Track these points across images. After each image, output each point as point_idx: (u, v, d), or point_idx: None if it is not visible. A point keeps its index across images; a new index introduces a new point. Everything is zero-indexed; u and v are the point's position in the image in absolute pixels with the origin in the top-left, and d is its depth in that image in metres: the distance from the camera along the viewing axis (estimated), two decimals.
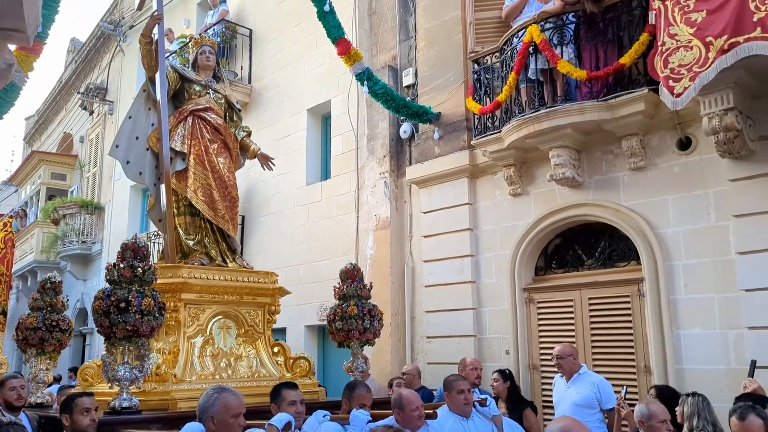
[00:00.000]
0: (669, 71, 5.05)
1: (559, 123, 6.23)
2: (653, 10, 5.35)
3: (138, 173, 5.67)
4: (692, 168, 5.79)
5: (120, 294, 3.85)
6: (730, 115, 5.08)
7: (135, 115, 5.76)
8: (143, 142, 5.67)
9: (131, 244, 4.03)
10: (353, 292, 5.19)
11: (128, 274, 3.94)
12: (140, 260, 4.01)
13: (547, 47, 6.26)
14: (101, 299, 3.85)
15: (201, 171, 5.68)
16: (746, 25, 4.65)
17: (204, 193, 5.64)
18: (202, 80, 5.96)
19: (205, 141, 5.75)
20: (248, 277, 5.58)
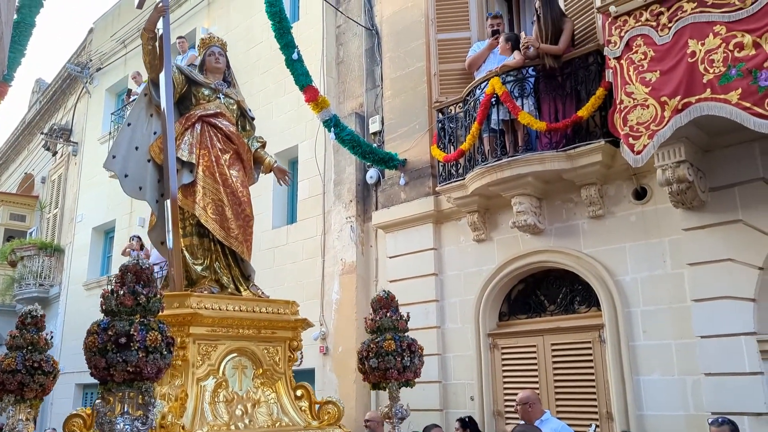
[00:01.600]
0: (628, 129, 5.27)
1: (520, 172, 6.40)
2: (609, 68, 5.60)
3: (137, 188, 4.92)
4: (648, 217, 5.99)
5: (119, 327, 3.07)
6: (683, 167, 5.31)
7: (135, 123, 5.05)
8: (144, 153, 4.96)
9: (132, 266, 3.27)
10: (389, 324, 4.44)
11: (129, 303, 3.20)
12: (143, 286, 3.25)
13: (508, 99, 6.48)
14: (96, 334, 3.09)
15: (211, 184, 4.88)
16: (697, 86, 4.90)
17: (215, 210, 4.84)
18: (211, 83, 5.22)
19: (216, 150, 4.99)
20: (266, 307, 4.73)
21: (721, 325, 5.21)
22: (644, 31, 5.29)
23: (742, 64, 4.72)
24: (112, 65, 14.41)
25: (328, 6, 9.14)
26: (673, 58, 5.10)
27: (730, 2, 4.81)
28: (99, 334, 3.10)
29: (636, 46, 5.34)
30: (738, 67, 4.74)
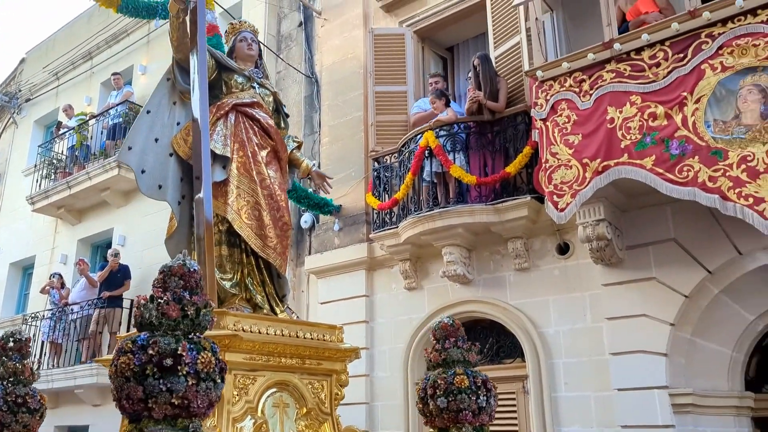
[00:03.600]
0: (553, 187, 5.52)
1: (451, 223, 6.57)
2: (536, 129, 5.88)
3: (156, 186, 4.17)
4: (570, 272, 6.23)
5: (164, 344, 2.34)
6: (602, 225, 5.58)
7: (155, 111, 4.31)
8: (165, 146, 4.24)
9: (179, 268, 2.58)
10: (459, 356, 3.75)
11: (175, 314, 2.47)
12: (191, 293, 2.57)
13: (441, 152, 6.68)
14: (131, 353, 2.34)
15: (247, 184, 4.16)
16: (615, 150, 5.21)
17: (250, 215, 4.11)
18: (245, 70, 4.50)
19: (253, 145, 4.27)
20: (311, 332, 3.95)
21: (636, 379, 5.42)
22: (568, 96, 5.61)
23: (655, 133, 5.06)
24: (42, 97, 13.97)
25: (269, 52, 9.23)
26: (594, 123, 5.41)
27: (645, 75, 5.18)
28: (136, 353, 2.33)
29: (560, 109, 5.64)
30: (652, 136, 5.08)
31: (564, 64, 5.63)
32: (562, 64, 5.64)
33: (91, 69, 12.67)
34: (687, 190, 4.83)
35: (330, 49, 8.82)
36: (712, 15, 4.86)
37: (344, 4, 8.83)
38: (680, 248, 5.48)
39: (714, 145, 4.76)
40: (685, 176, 4.85)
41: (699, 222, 5.34)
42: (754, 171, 4.55)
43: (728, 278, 5.29)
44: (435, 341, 3.78)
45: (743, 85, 4.70)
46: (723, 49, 4.80)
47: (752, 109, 4.63)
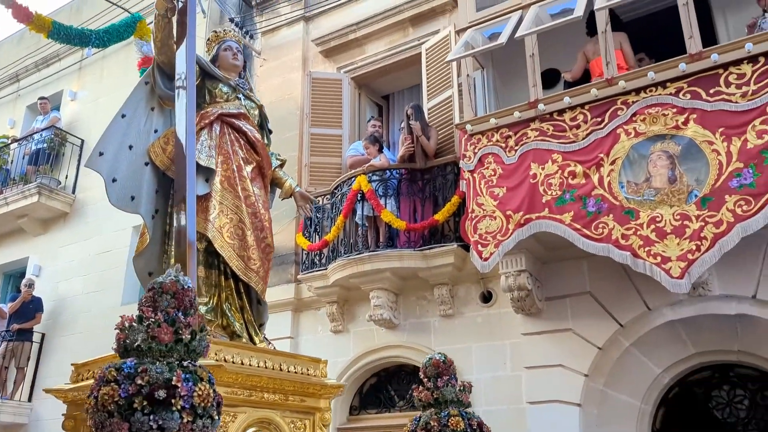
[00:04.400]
0: (478, 237, 5.68)
1: (380, 266, 6.63)
2: (464, 179, 6.06)
3: (128, 197, 3.80)
4: (493, 320, 6.38)
5: (155, 373, 2.02)
6: (523, 276, 5.77)
7: (131, 116, 3.94)
8: (140, 155, 3.89)
9: (171, 284, 2.26)
10: (453, 395, 3.45)
11: (167, 338, 2.14)
12: (185, 314, 2.24)
13: (373, 196, 6.78)
14: (116, 382, 2.00)
15: (231, 200, 3.86)
16: (537, 204, 5.44)
17: (233, 234, 3.79)
18: (231, 80, 4.23)
19: (238, 159, 3.99)
20: (295, 366, 3.63)
21: (552, 428, 5.55)
22: (495, 150, 5.84)
23: (574, 190, 5.32)
24: None
25: None
26: (518, 178, 5.64)
27: (566, 135, 5.47)
28: (122, 383, 1.98)
29: (487, 162, 5.86)
30: (571, 193, 5.34)
31: (492, 119, 5.87)
32: (490, 120, 5.89)
33: (17, 91, 12.22)
34: (602, 246, 5.09)
35: (268, 89, 8.86)
36: (627, 84, 5.21)
37: (284, 46, 8.94)
38: (595, 301, 5.73)
39: (627, 205, 5.04)
40: (600, 233, 5.11)
41: (613, 277, 5.60)
42: (662, 231, 4.85)
43: (638, 332, 5.55)
44: (426, 379, 3.54)
45: (654, 150, 5.03)
46: (636, 116, 5.15)
47: (661, 173, 4.95)
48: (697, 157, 4.83)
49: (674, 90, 5.03)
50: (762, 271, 5.11)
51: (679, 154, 4.91)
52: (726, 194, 4.65)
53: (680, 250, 4.74)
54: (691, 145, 4.87)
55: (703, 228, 4.70)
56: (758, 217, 4.52)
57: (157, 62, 3.97)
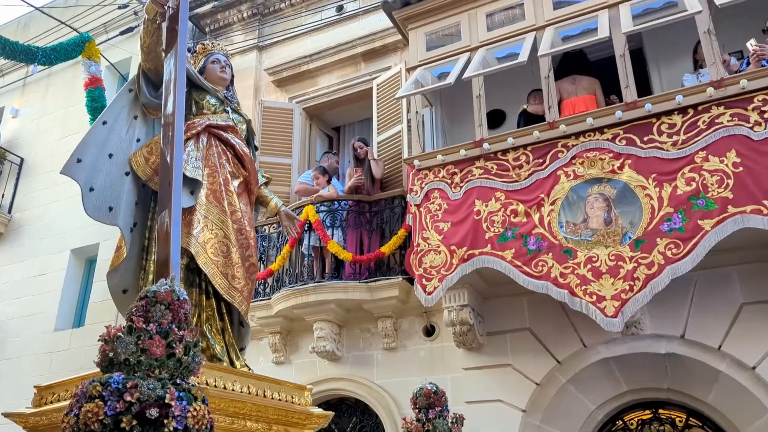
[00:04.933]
0: (423, 270, 5.74)
1: (324, 298, 6.60)
2: (410, 213, 6.15)
3: (106, 208, 3.56)
4: (435, 353, 6.42)
5: (146, 390, 1.84)
6: (465, 310, 5.85)
7: (112, 123, 3.75)
8: (121, 164, 3.69)
9: (166, 294, 2.09)
10: (445, 428, 3.29)
11: (159, 352, 1.98)
12: (180, 326, 2.07)
13: (320, 227, 6.78)
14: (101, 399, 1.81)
15: (216, 215, 3.68)
16: (480, 240, 5.55)
17: (217, 251, 3.60)
18: (219, 92, 4.08)
19: (225, 172, 3.83)
20: (279, 393, 3.38)
21: None
22: (441, 186, 5.95)
23: (516, 228, 5.46)
24: None
25: None
26: (462, 213, 5.76)
27: (509, 174, 5.63)
28: (108, 399, 1.77)
29: (433, 197, 5.97)
30: (513, 230, 5.48)
31: (439, 156, 6.00)
32: (437, 156, 6.01)
33: None
34: (541, 284, 5.22)
35: None
36: (567, 128, 5.43)
37: (236, 74, 8.82)
38: (534, 338, 5.84)
39: (565, 245, 5.21)
40: (539, 271, 5.24)
41: (551, 314, 5.73)
42: (598, 271, 5.02)
43: (574, 369, 5.67)
44: (416, 410, 3.40)
45: (591, 193, 5.23)
46: (575, 159, 5.35)
47: (597, 215, 5.15)
48: (631, 201, 5.05)
49: (611, 136, 5.27)
50: (690, 312, 5.33)
51: (615, 197, 5.12)
52: (657, 237, 4.86)
53: (614, 290, 4.91)
54: (625, 189, 5.09)
55: (636, 269, 4.88)
56: (686, 261, 4.73)
57: (142, 69, 3.79)
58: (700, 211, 4.74)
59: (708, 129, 4.88)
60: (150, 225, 3.65)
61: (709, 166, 4.80)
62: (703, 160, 4.83)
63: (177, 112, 3.31)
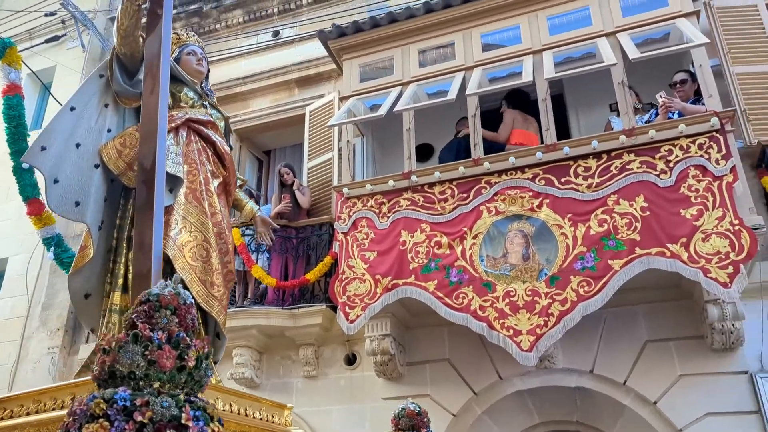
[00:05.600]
0: (346, 298, 5.75)
1: (246, 323, 6.49)
2: (337, 240, 6.17)
3: (72, 203, 3.22)
4: (356, 383, 6.41)
5: (160, 409, 1.57)
6: (387, 340, 5.89)
7: (81, 111, 3.41)
8: (89, 155, 3.35)
9: (171, 298, 1.82)
10: None
11: (170, 364, 1.69)
12: (189, 334, 1.80)
13: (244, 251, 6.69)
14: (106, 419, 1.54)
15: (196, 216, 3.37)
16: (405, 271, 5.63)
17: (195, 255, 3.29)
18: (198, 85, 3.80)
19: (206, 171, 3.54)
20: (261, 411, 3.12)
21: None
22: (368, 215, 6.02)
23: (439, 260, 5.58)
24: None
25: None
26: (388, 243, 5.83)
27: (435, 207, 5.77)
28: (115, 419, 1.51)
29: (361, 226, 6.02)
30: (436, 262, 5.59)
31: (368, 186, 6.07)
32: (366, 186, 6.09)
33: None
34: (461, 316, 5.33)
35: None
36: (491, 166, 5.63)
37: None
38: (453, 369, 5.94)
39: (485, 278, 5.35)
40: (460, 303, 5.36)
41: (470, 346, 5.85)
42: (515, 305, 5.18)
43: (490, 400, 5.80)
44: (399, 431, 3.27)
45: (511, 229, 5.42)
46: (497, 195, 5.55)
47: (516, 251, 5.33)
48: (548, 239, 5.26)
49: (531, 175, 5.49)
50: (599, 347, 5.58)
51: (533, 235, 5.32)
52: (571, 275, 5.08)
53: (530, 325, 5.08)
54: (543, 227, 5.30)
55: (550, 305, 5.07)
56: (597, 298, 4.96)
57: (116, 54, 3.46)
58: (611, 252, 5.00)
59: (620, 174, 5.18)
60: (119, 224, 3.39)
61: (619, 209, 5.08)
62: (615, 203, 5.10)
63: (161, 103, 2.97)
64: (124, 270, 3.25)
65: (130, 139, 3.39)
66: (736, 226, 4.70)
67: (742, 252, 4.61)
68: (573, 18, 5.99)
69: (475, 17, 6.34)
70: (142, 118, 2.98)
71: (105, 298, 3.25)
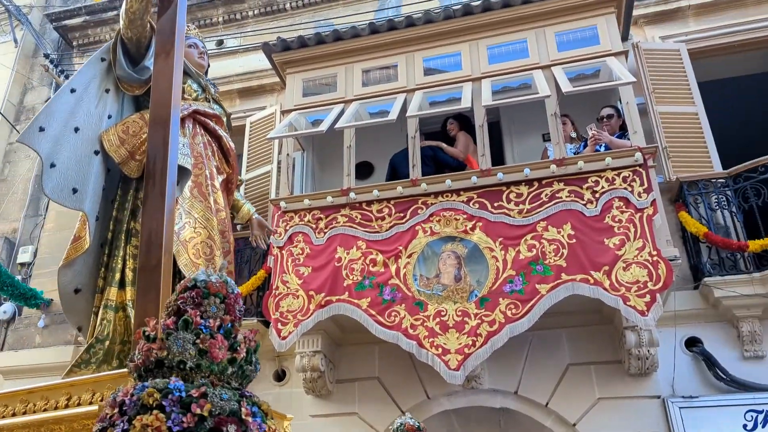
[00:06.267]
0: (279, 314, 5.69)
1: None
2: (272, 255, 6.12)
3: (69, 189, 3.03)
4: (284, 399, 6.32)
5: (218, 402, 1.41)
6: (317, 357, 5.87)
7: (81, 93, 3.23)
8: (89, 141, 3.17)
9: (220, 285, 1.65)
10: None
11: (222, 355, 1.54)
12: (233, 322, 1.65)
13: None
14: (160, 409, 1.37)
15: (201, 212, 3.23)
16: (339, 287, 5.63)
17: (199, 252, 3.14)
18: (202, 78, 3.66)
19: (211, 166, 3.41)
20: None
21: None
22: (305, 230, 6.00)
23: (373, 278, 5.62)
24: None
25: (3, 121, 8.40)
26: (324, 259, 5.83)
27: (372, 225, 5.81)
28: (172, 411, 1.34)
29: (297, 241, 5.99)
30: (371, 279, 5.62)
31: (306, 200, 6.07)
32: (304, 200, 6.08)
33: None
34: (392, 334, 5.37)
35: None
36: (428, 187, 5.74)
37: None
38: (382, 387, 5.97)
39: (418, 297, 5.42)
40: (392, 321, 5.40)
41: (400, 364, 5.90)
42: (445, 325, 5.27)
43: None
44: None
45: (444, 249, 5.53)
46: (433, 216, 5.65)
47: (449, 271, 5.44)
48: (479, 261, 5.39)
49: (466, 198, 5.63)
50: (524, 369, 5.73)
51: (465, 256, 5.44)
52: (500, 297, 5.22)
53: (458, 344, 5.17)
54: (475, 249, 5.43)
55: (479, 325, 5.19)
56: (524, 321, 5.10)
57: (121, 38, 3.29)
58: (538, 276, 5.17)
59: (549, 202, 5.38)
60: (116, 216, 3.22)
61: (548, 235, 5.27)
62: (544, 230, 5.29)
63: (174, 88, 2.77)
64: (122, 264, 3.10)
65: (133, 127, 3.24)
66: (654, 257, 4.96)
67: (659, 282, 4.86)
68: (511, 49, 6.22)
69: (418, 41, 6.48)
70: (153, 103, 2.81)
71: (98, 294, 3.08)
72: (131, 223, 3.16)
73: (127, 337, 2.96)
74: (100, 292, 3.09)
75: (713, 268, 5.55)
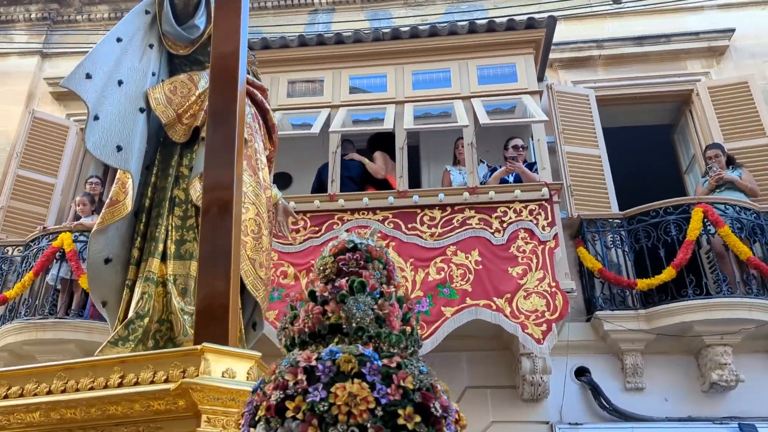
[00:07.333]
0: None
1: (63, 336, 6.02)
2: None
3: (113, 146, 2.72)
4: None
5: (418, 375, 1.22)
6: None
7: (126, 44, 2.93)
8: (133, 97, 2.87)
9: (380, 251, 1.51)
10: None
11: (398, 325, 1.37)
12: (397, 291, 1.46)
13: (74, 258, 6.23)
14: (360, 377, 1.18)
15: (252, 187, 2.90)
16: None
17: (247, 230, 2.80)
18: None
19: (259, 141, 3.12)
20: None
21: None
22: None
23: (282, 290, 5.58)
24: None
25: None
26: None
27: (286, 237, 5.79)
28: (373, 379, 1.17)
29: None
30: (280, 292, 5.59)
31: None
32: None
33: None
34: None
35: None
36: (345, 203, 5.80)
37: (10, 74, 8.05)
38: None
39: None
40: None
41: None
42: None
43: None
44: None
45: None
46: (348, 232, 5.70)
47: None
48: None
49: (382, 217, 5.74)
50: None
51: None
52: None
53: None
54: None
55: None
56: (428, 342, 5.21)
57: None
58: (445, 299, 5.33)
59: (460, 227, 5.57)
60: (154, 182, 2.95)
61: (456, 260, 5.45)
62: (453, 254, 5.47)
63: (241, 49, 2.54)
64: (165, 235, 2.82)
65: (181, 88, 3.00)
66: (553, 288, 5.23)
67: (556, 312, 5.14)
68: (435, 77, 6.44)
69: (346, 59, 6.58)
70: (214, 61, 2.60)
71: (132, 266, 2.83)
72: (174, 191, 2.92)
73: (165, 315, 2.72)
74: (135, 264, 2.84)
75: (605, 302, 5.91)
